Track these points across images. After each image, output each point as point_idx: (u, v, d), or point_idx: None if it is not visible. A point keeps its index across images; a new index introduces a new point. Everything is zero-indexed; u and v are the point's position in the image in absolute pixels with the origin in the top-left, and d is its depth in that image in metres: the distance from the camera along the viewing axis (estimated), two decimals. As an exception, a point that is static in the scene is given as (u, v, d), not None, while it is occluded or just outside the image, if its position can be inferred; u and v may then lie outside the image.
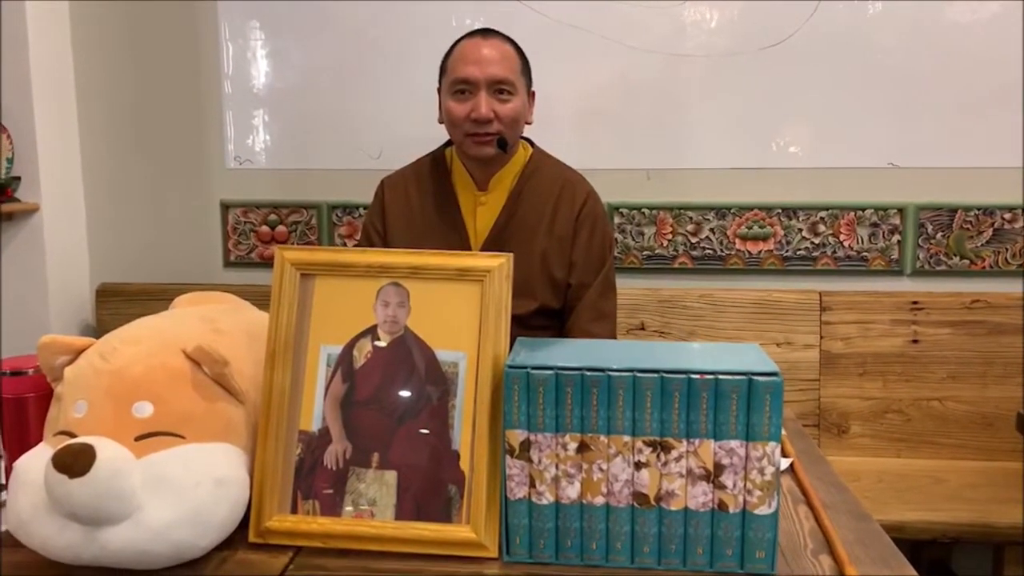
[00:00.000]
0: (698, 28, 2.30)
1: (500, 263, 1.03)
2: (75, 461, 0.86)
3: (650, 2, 2.28)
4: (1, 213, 2.24)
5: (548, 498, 0.94)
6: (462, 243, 1.75)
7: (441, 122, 1.77)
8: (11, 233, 2.33)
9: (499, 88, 1.68)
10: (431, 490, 0.99)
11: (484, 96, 1.66)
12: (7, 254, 2.34)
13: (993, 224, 2.27)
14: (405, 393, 1.01)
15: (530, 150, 1.84)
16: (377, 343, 1.03)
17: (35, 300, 2.34)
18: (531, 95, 1.80)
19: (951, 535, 1.91)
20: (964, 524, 1.91)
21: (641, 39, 2.30)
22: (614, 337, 1.81)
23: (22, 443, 1.05)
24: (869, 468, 2.16)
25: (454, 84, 1.69)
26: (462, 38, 1.74)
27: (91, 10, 2.44)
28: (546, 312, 1.76)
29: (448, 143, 1.85)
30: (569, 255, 1.76)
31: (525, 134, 1.86)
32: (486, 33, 1.73)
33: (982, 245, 2.28)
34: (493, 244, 1.73)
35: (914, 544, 2.09)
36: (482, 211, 1.77)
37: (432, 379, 1.01)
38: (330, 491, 1.00)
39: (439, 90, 1.78)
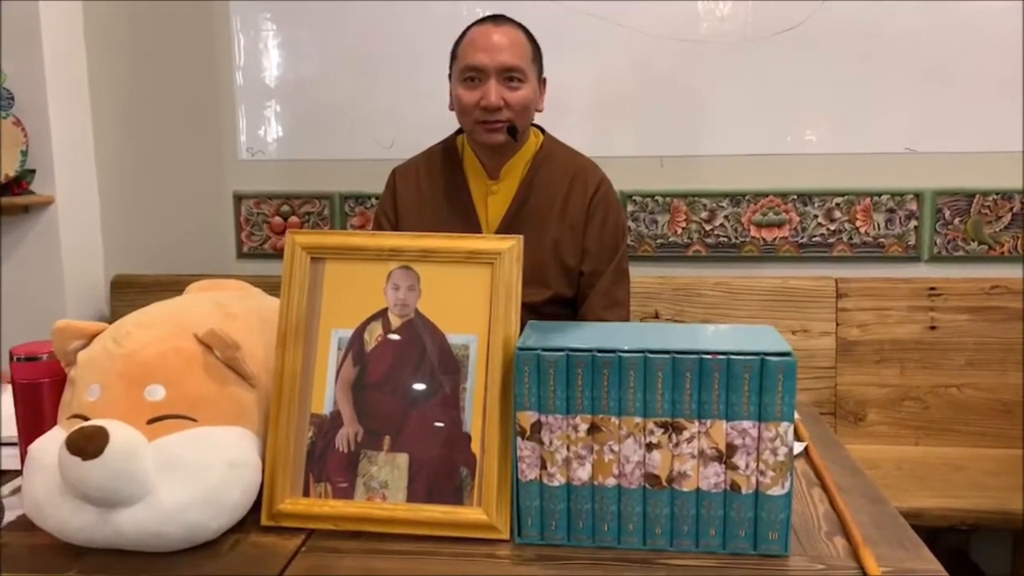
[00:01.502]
0: (711, 15, 2.28)
1: (510, 245, 1.03)
2: (88, 443, 0.87)
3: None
4: (16, 205, 2.26)
5: (559, 480, 0.94)
6: (474, 232, 1.75)
7: (452, 109, 1.77)
8: (26, 225, 2.34)
9: (509, 76, 1.67)
10: (442, 472, 0.98)
11: (494, 84, 1.66)
12: (22, 246, 2.35)
13: (1011, 209, 2.24)
14: (416, 376, 1.01)
15: (541, 137, 1.83)
16: (388, 327, 1.03)
17: (50, 291, 2.36)
18: (542, 82, 1.79)
19: (969, 522, 1.90)
20: (983, 511, 1.89)
21: (654, 26, 2.29)
22: (628, 317, 1.80)
23: (36, 428, 1.05)
24: (887, 456, 2.15)
25: (464, 71, 1.69)
26: (473, 24, 1.73)
27: (104, 3, 2.45)
28: (559, 300, 1.76)
29: (460, 131, 1.85)
30: (582, 242, 1.75)
31: (538, 122, 1.86)
32: (497, 20, 1.72)
33: (1000, 230, 2.25)
34: (505, 232, 1.73)
35: (932, 531, 2.07)
36: (493, 200, 1.77)
37: (443, 362, 1.01)
38: (342, 474, 1.00)
39: (450, 76, 1.77)
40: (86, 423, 0.90)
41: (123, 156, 2.52)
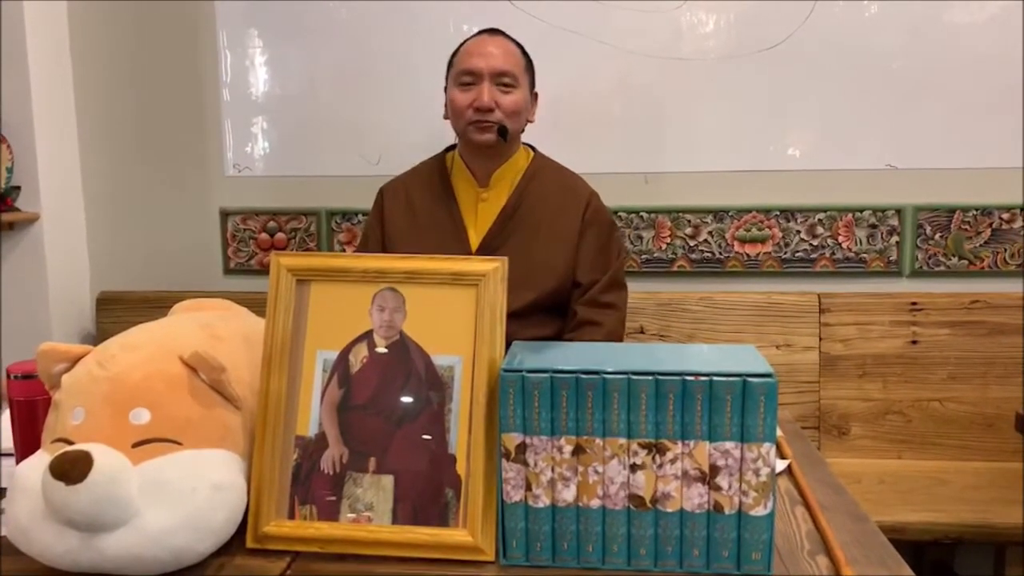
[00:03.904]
0: (694, 32, 2.30)
1: (495, 267, 1.03)
2: (72, 468, 0.87)
3: (647, 3, 2.28)
4: (1, 222, 2.25)
5: (544, 501, 0.95)
6: (461, 239, 1.79)
7: (446, 118, 1.82)
8: (11, 242, 2.34)
9: (502, 80, 1.75)
10: (428, 494, 0.99)
11: (487, 85, 1.74)
12: (8, 263, 2.34)
13: (991, 224, 2.27)
14: (401, 397, 1.02)
15: (532, 154, 1.88)
16: (373, 348, 1.03)
17: (36, 309, 2.35)
18: (534, 95, 1.87)
19: (953, 536, 1.91)
20: (966, 525, 1.90)
21: (638, 43, 2.31)
22: (621, 328, 1.84)
23: (33, 446, 1.05)
24: (870, 470, 2.16)
25: (459, 75, 1.77)
26: (470, 37, 1.82)
27: (90, 19, 2.45)
28: (544, 308, 1.78)
29: (448, 149, 1.89)
30: (574, 255, 1.79)
31: (529, 141, 1.90)
32: (492, 32, 1.82)
33: (980, 245, 2.28)
34: (494, 239, 1.78)
35: (916, 545, 2.09)
36: (483, 207, 1.81)
37: (428, 383, 1.02)
38: (327, 496, 1.00)
39: (445, 89, 1.83)
40: (70, 447, 0.90)
41: (109, 173, 2.51)
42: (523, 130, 1.85)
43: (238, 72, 2.45)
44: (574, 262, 1.79)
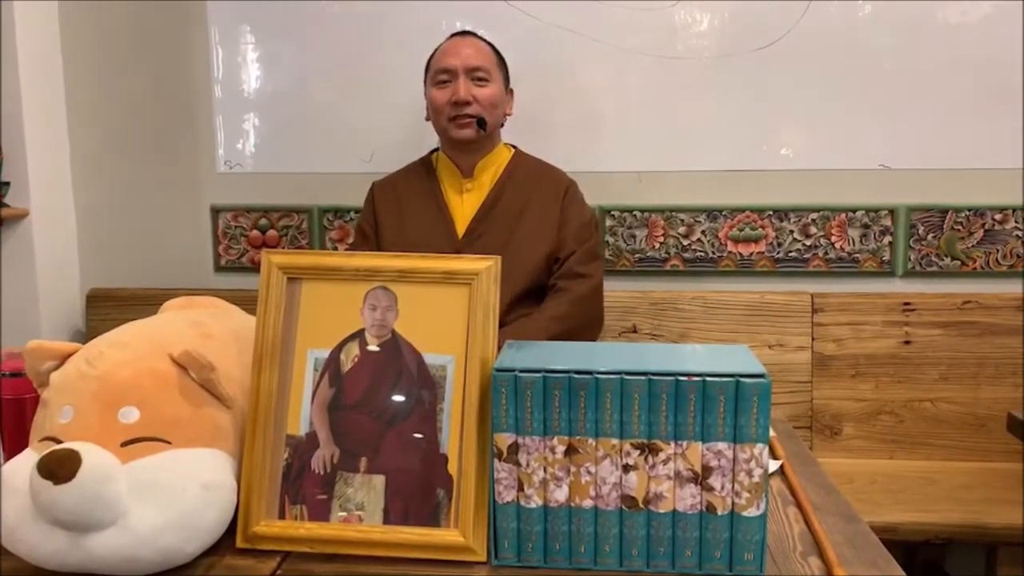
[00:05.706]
0: (688, 31, 2.30)
1: (488, 265, 1.03)
2: (60, 467, 0.86)
3: (641, 2, 2.28)
4: (-9, 219, 2.23)
5: (536, 501, 0.94)
6: (448, 227, 1.88)
7: (428, 119, 1.90)
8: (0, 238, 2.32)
9: (476, 75, 1.85)
10: (419, 494, 0.98)
11: (463, 81, 1.83)
12: (-3, 260, 2.33)
13: (984, 225, 2.27)
14: (393, 397, 1.01)
15: (513, 150, 1.98)
16: (365, 347, 1.03)
17: (25, 306, 2.33)
18: (510, 92, 1.96)
19: (944, 536, 1.91)
20: (957, 525, 1.91)
21: (632, 42, 2.30)
22: (595, 296, 1.90)
23: (22, 444, 1.04)
24: (862, 470, 2.16)
25: (436, 75, 1.87)
26: (443, 41, 1.92)
27: (80, 14, 2.43)
28: (531, 294, 1.85)
29: (434, 151, 1.95)
30: (556, 237, 1.88)
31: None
32: (464, 34, 1.93)
33: (973, 246, 2.28)
34: (479, 226, 1.87)
35: (907, 545, 2.09)
36: (468, 197, 1.92)
37: (420, 382, 1.01)
38: (318, 496, 0.99)
39: (425, 94, 1.92)
40: (58, 446, 0.89)
41: (99, 168, 2.50)
42: (502, 124, 1.94)
43: (230, 68, 2.44)
44: (557, 245, 1.87)
